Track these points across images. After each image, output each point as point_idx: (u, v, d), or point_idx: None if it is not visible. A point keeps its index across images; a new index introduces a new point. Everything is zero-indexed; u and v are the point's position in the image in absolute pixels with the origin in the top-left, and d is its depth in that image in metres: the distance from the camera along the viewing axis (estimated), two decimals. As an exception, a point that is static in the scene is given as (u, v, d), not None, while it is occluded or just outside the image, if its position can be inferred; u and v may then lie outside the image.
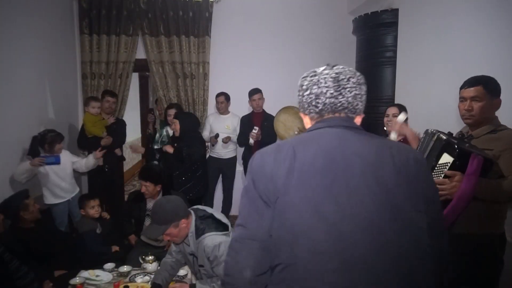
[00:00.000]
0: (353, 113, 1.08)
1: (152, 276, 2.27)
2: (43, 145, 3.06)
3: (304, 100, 1.10)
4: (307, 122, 1.14)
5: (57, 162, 3.03)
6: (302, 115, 1.16)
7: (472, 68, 2.57)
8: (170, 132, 3.77)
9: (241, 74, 4.54)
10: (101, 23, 4.16)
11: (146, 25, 4.27)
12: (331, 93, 1.05)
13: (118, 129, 3.92)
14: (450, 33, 2.84)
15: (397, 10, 3.59)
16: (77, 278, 2.21)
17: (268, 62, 4.63)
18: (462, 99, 1.80)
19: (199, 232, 1.96)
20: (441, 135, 1.65)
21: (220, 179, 4.42)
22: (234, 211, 4.63)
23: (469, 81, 1.79)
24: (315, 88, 1.07)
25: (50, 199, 3.13)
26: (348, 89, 1.05)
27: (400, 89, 3.59)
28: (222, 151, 4.19)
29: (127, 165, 5.39)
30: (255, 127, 3.96)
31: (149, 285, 2.16)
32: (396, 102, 3.66)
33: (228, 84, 4.41)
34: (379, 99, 3.87)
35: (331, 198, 0.95)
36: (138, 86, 7.37)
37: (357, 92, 1.06)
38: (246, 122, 4.12)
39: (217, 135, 4.08)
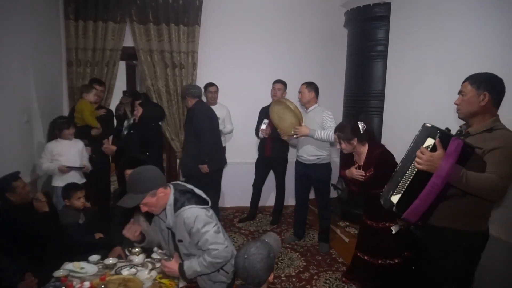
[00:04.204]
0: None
1: (139, 268, 2.24)
2: (54, 131, 3.34)
3: (194, 93, 3.53)
4: (192, 100, 3.55)
5: (80, 168, 3.38)
6: (191, 97, 3.52)
7: (464, 63, 2.58)
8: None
9: (230, 64, 4.49)
10: (87, 8, 4.04)
11: (134, 12, 4.16)
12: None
13: (107, 119, 3.85)
14: (442, 28, 2.84)
15: (389, 4, 3.59)
16: (61, 270, 2.15)
17: (258, 54, 4.58)
18: None
19: (178, 205, 1.91)
20: (428, 124, 1.72)
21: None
22: (222, 203, 4.61)
23: None
24: (198, 90, 3.63)
25: (57, 182, 3.30)
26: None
27: (390, 83, 3.60)
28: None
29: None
30: (265, 120, 3.78)
31: (136, 277, 2.13)
32: (386, 96, 3.68)
33: (217, 74, 4.36)
34: (369, 93, 3.88)
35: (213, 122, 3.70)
36: (125, 75, 7.22)
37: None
38: (263, 115, 3.91)
39: None
